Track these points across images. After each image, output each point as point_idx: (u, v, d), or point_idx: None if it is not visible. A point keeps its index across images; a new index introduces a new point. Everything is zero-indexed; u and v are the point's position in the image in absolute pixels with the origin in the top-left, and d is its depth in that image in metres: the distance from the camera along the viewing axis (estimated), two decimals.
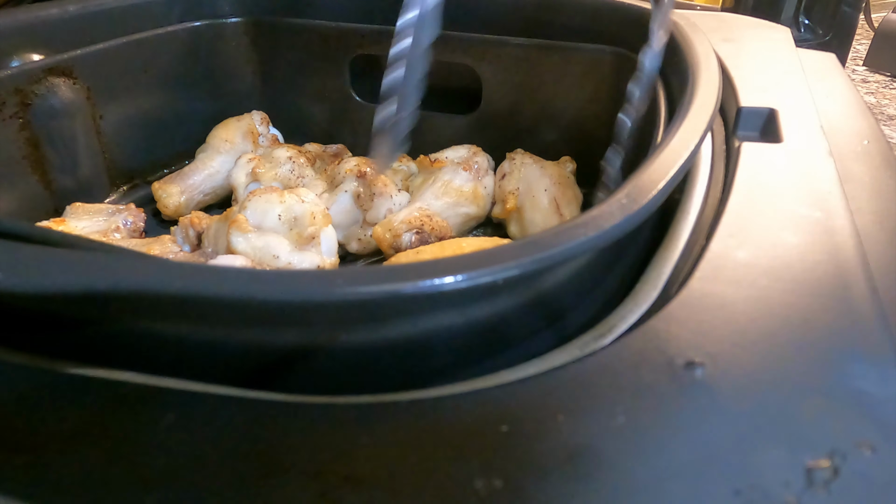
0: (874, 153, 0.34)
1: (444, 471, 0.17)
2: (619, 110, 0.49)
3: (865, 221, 0.27)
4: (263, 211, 0.40)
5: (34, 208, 0.45)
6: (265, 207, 0.40)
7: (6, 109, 0.43)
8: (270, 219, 0.40)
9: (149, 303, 0.19)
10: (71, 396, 0.19)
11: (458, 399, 0.19)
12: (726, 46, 0.47)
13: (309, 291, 0.18)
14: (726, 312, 0.22)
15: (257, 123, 0.54)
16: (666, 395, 0.19)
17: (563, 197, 0.46)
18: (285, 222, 0.41)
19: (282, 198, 0.41)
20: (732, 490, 0.16)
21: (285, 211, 0.41)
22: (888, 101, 1.24)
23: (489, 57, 0.52)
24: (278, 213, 0.40)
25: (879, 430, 0.18)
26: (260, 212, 0.40)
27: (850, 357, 0.20)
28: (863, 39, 1.56)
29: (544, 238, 0.21)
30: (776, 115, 0.36)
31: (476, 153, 0.50)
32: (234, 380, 0.20)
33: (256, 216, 0.40)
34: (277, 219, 0.40)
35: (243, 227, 0.39)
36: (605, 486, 0.16)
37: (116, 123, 0.50)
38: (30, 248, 0.19)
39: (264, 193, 0.41)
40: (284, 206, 0.41)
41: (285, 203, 0.41)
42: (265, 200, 0.41)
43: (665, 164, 0.25)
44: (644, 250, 0.27)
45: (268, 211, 0.40)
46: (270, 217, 0.40)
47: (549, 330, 0.24)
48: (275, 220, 0.40)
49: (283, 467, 0.17)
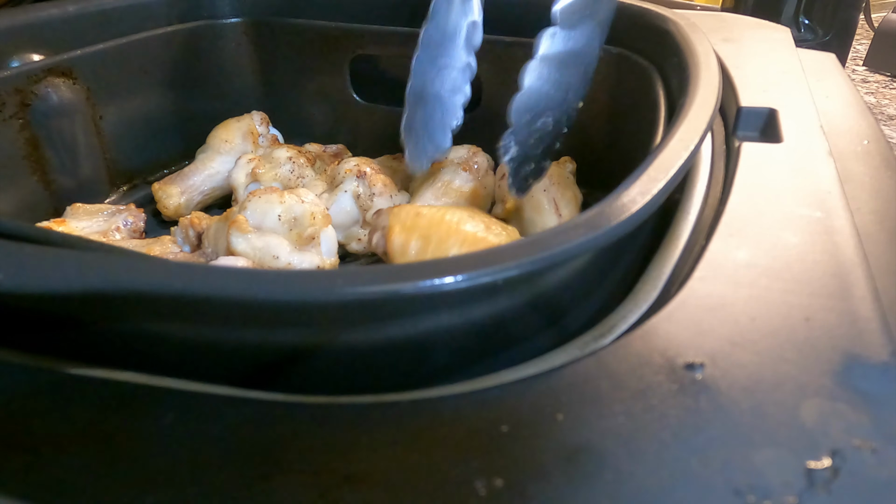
0: (874, 153, 0.34)
1: (444, 471, 0.17)
2: (618, 110, 0.49)
3: (865, 221, 0.27)
4: (263, 212, 0.40)
5: (34, 208, 0.45)
6: (265, 208, 0.40)
7: (6, 109, 0.43)
8: (270, 219, 0.40)
9: (149, 303, 0.19)
10: (71, 396, 0.19)
11: (458, 399, 0.19)
12: (726, 46, 0.47)
13: (309, 291, 0.18)
14: (726, 312, 0.22)
15: (257, 124, 0.54)
16: (666, 395, 0.19)
17: (563, 197, 0.46)
18: (285, 223, 0.41)
19: (281, 198, 0.41)
20: (732, 490, 0.16)
21: (285, 211, 0.41)
22: (888, 101, 1.24)
23: (489, 57, 0.52)
24: (278, 214, 0.40)
25: (879, 430, 0.17)
26: (260, 212, 0.40)
27: (850, 357, 0.20)
28: (863, 39, 1.56)
29: (544, 238, 0.21)
30: (776, 115, 0.36)
31: (476, 153, 0.50)
32: (234, 380, 0.20)
33: (256, 217, 0.40)
34: (277, 219, 0.40)
35: (243, 228, 0.39)
36: (605, 486, 0.16)
37: (116, 124, 0.50)
38: (30, 248, 0.19)
39: (264, 194, 0.41)
40: (284, 206, 0.41)
41: (285, 203, 0.41)
42: (265, 201, 0.41)
43: (665, 164, 0.25)
44: (644, 250, 0.27)
45: (268, 212, 0.40)
46: (270, 217, 0.40)
47: (549, 330, 0.24)
48: (275, 221, 0.40)
49: (283, 467, 0.17)
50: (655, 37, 0.42)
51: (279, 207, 0.41)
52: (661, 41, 0.41)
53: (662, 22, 0.42)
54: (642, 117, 0.42)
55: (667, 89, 0.40)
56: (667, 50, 0.40)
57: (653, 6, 0.45)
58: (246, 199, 0.41)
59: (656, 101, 0.40)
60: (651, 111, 0.39)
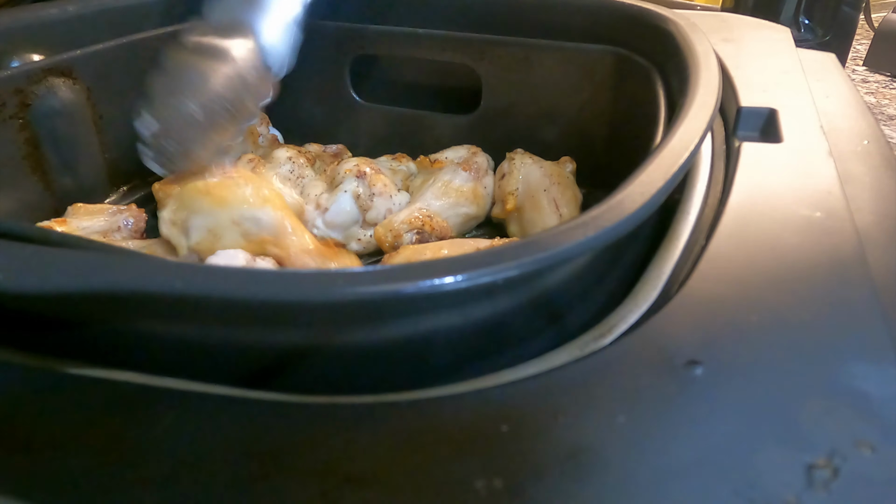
0: (874, 153, 0.34)
1: (444, 471, 0.17)
2: (618, 110, 0.49)
3: (865, 221, 0.27)
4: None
5: (34, 209, 0.45)
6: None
7: (6, 110, 0.43)
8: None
9: (149, 303, 0.19)
10: (71, 396, 0.19)
11: (458, 399, 0.19)
12: (726, 46, 0.47)
13: (309, 291, 0.18)
14: (726, 312, 0.22)
15: (256, 124, 0.54)
16: (666, 394, 0.19)
17: (563, 197, 0.46)
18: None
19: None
20: (732, 490, 0.16)
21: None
22: (888, 101, 1.24)
23: (489, 57, 0.52)
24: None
25: (879, 430, 0.17)
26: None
27: (850, 357, 0.20)
28: (863, 39, 1.56)
29: (544, 238, 0.21)
30: (776, 115, 0.36)
31: (476, 153, 0.50)
32: (234, 380, 0.20)
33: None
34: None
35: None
36: (605, 486, 0.16)
37: (116, 124, 0.50)
38: (30, 249, 0.19)
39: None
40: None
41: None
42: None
43: (665, 164, 0.25)
44: (644, 250, 0.27)
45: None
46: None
47: (549, 330, 0.24)
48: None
49: (283, 467, 0.17)
50: (655, 37, 0.42)
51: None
52: (661, 41, 0.41)
53: (662, 22, 0.42)
54: (642, 117, 0.42)
55: (667, 89, 0.40)
56: (667, 50, 0.40)
57: (653, 6, 0.45)
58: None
59: (656, 101, 0.40)
60: (651, 111, 0.39)
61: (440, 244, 0.42)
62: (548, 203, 0.45)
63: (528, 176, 0.47)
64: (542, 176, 0.46)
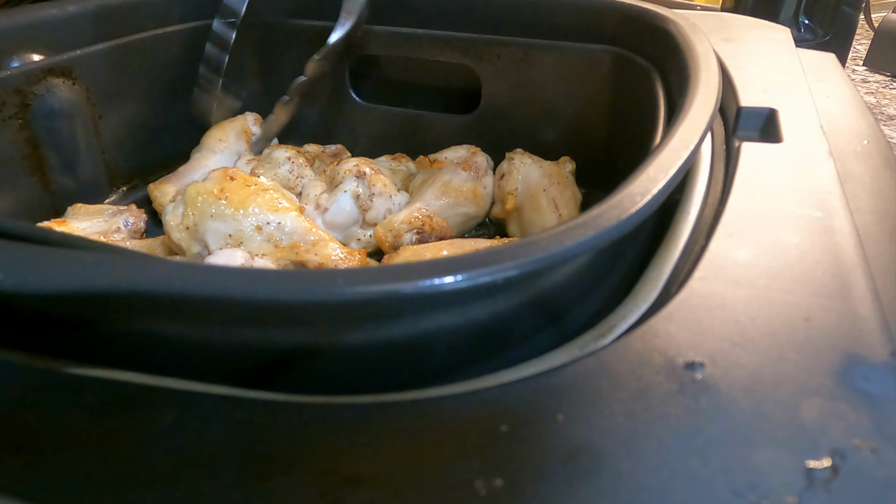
0: (874, 153, 0.34)
1: (444, 471, 0.17)
2: (618, 110, 0.49)
3: (865, 221, 0.27)
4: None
5: (34, 209, 0.45)
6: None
7: (6, 110, 0.43)
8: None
9: (149, 303, 0.19)
10: (71, 396, 0.19)
11: (458, 399, 0.19)
12: (726, 46, 0.47)
13: (309, 291, 0.18)
14: (726, 312, 0.22)
15: (251, 124, 0.54)
16: (666, 395, 0.19)
17: (562, 197, 0.46)
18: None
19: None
20: (732, 490, 0.16)
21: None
22: (888, 101, 1.24)
23: (488, 57, 0.52)
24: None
25: (879, 430, 0.17)
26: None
27: (850, 357, 0.20)
28: (863, 39, 1.56)
29: (544, 238, 0.21)
30: (776, 115, 0.36)
31: (475, 153, 0.50)
32: (234, 380, 0.20)
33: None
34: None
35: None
36: (605, 486, 0.16)
37: (116, 124, 0.50)
38: (30, 248, 0.19)
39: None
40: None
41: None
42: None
43: (665, 164, 0.25)
44: (644, 250, 0.27)
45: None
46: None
47: (549, 330, 0.24)
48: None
49: (283, 467, 0.17)
50: (655, 37, 0.42)
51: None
52: (661, 41, 0.41)
53: (662, 22, 0.42)
54: (642, 117, 0.42)
55: (667, 89, 0.40)
56: (667, 50, 0.40)
57: (653, 6, 0.45)
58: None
59: (656, 101, 0.40)
60: (651, 111, 0.39)
61: (440, 245, 0.42)
62: (547, 203, 0.45)
63: (528, 176, 0.47)
64: (542, 176, 0.46)
